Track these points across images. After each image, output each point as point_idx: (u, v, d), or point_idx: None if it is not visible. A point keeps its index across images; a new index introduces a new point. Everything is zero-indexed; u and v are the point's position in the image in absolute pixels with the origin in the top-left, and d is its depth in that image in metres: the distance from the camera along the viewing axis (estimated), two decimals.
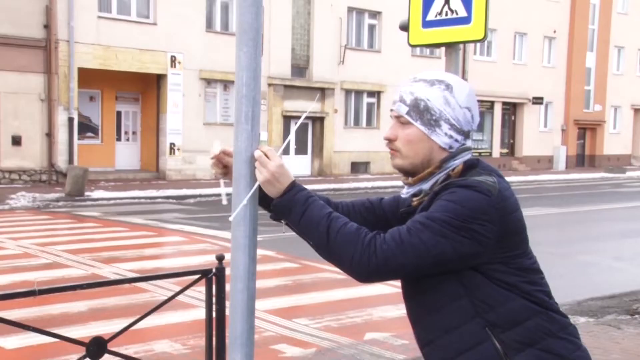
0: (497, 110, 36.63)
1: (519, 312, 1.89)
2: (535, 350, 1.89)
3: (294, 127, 2.12)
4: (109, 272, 8.86)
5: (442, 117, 1.93)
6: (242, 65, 1.96)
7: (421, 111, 1.94)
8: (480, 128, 36.02)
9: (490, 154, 36.51)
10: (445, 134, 1.95)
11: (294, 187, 1.96)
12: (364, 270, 1.84)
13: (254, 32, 1.96)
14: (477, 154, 35.10)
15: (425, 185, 1.99)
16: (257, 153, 1.97)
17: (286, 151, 27.56)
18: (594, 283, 9.11)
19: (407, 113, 1.95)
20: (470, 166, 1.97)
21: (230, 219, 2.01)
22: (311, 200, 1.95)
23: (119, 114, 25.37)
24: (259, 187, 1.99)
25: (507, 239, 1.87)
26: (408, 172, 2.02)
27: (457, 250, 1.82)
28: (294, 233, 2.03)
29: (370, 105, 30.58)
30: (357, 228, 1.88)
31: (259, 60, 1.97)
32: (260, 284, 7.94)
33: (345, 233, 1.87)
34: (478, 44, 33.02)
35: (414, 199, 2.06)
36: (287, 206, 1.95)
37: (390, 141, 2.01)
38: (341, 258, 1.87)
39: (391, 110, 2.02)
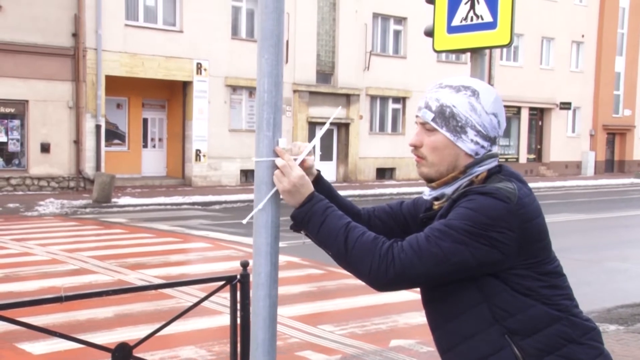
0: (524, 115, 36.34)
1: (539, 319, 1.86)
2: (556, 357, 1.86)
3: (315, 138, 2.12)
4: (135, 278, 8.92)
5: (468, 124, 1.92)
6: (263, 71, 1.96)
7: (447, 118, 1.93)
8: (507, 133, 35.72)
9: (517, 159, 36.21)
10: (472, 140, 1.93)
11: (313, 198, 1.97)
12: (383, 279, 1.84)
13: (276, 39, 1.96)
14: (503, 160, 34.94)
15: (448, 190, 1.98)
16: (281, 162, 1.97)
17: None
18: (624, 290, 8.98)
19: (433, 120, 1.94)
20: (494, 172, 1.96)
21: (244, 221, 2.02)
22: (330, 210, 1.95)
23: (145, 121, 25.59)
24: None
25: (527, 246, 1.85)
26: (433, 180, 2.01)
27: (477, 258, 1.81)
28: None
29: (395, 111, 30.51)
30: (375, 237, 1.88)
31: (280, 67, 1.98)
32: (284, 290, 7.97)
33: (362, 243, 1.87)
34: (504, 49, 32.83)
35: (436, 202, 2.05)
36: (305, 217, 1.95)
37: (415, 148, 2.00)
38: (359, 268, 1.87)
39: (416, 116, 2.01)
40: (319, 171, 2.21)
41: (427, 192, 2.06)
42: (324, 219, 1.93)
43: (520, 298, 1.86)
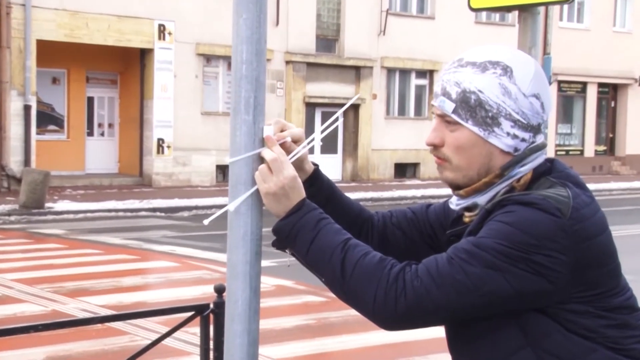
0: (591, 94, 36.30)
1: None
2: None
3: (317, 132, 2.10)
4: (75, 308, 8.93)
5: (501, 113, 1.90)
6: (241, 36, 1.96)
7: (472, 107, 1.91)
8: (569, 118, 35.72)
9: (582, 152, 36.18)
10: (508, 133, 1.91)
11: (303, 206, 1.95)
12: (390, 313, 1.83)
13: None
14: (563, 153, 34.93)
15: (481, 199, 1.97)
16: (270, 155, 1.95)
17: (310, 150, 27.59)
18: None
19: (454, 111, 1.92)
20: (542, 173, 1.94)
21: (206, 222, 2.04)
22: (323, 223, 1.94)
23: (90, 100, 25.58)
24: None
25: (585, 273, 1.83)
26: (461, 187, 2.00)
27: (515, 288, 1.79)
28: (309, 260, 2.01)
29: (419, 88, 30.51)
30: (381, 259, 1.87)
31: (263, 30, 1.97)
32: (273, 323, 7.98)
33: (365, 266, 1.86)
34: (564, 7, 32.80)
35: (467, 214, 2.04)
36: (292, 231, 1.94)
37: (434, 147, 1.99)
38: (360, 299, 1.87)
39: (432, 105, 1.99)
40: (316, 166, 2.20)
41: (454, 201, 2.05)
42: (315, 234, 1.91)
43: (577, 341, 1.84)
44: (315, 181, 2.17)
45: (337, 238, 1.91)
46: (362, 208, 2.28)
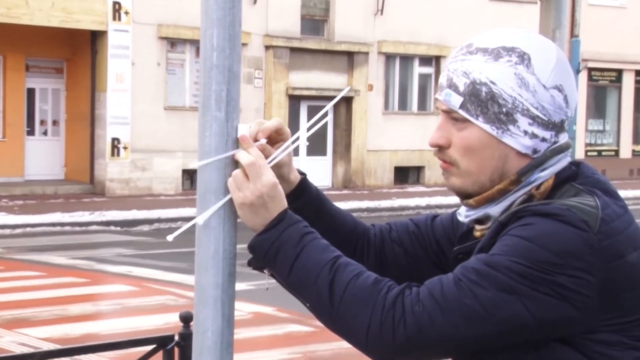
0: (628, 83, 36.35)
1: None
2: None
3: (302, 130, 2.10)
4: (12, 342, 8.92)
5: (517, 108, 1.90)
6: (211, 18, 1.96)
7: (483, 102, 1.91)
8: (601, 113, 35.79)
9: (617, 152, 36.22)
10: (525, 132, 1.91)
11: (284, 219, 1.95)
12: (388, 345, 1.82)
13: None
14: (594, 153, 35.00)
15: (494, 209, 1.97)
16: (246, 158, 1.95)
17: (294, 152, 27.56)
18: None
19: (462, 106, 1.93)
20: (565, 179, 1.94)
21: (170, 238, 2.02)
22: (308, 238, 1.93)
23: (31, 92, 25.49)
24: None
25: (616, 296, 1.83)
26: (471, 196, 2.00)
27: (535, 314, 1.80)
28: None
29: (423, 78, 30.54)
30: (376, 281, 1.87)
31: (237, 10, 1.98)
32: (250, 358, 7.96)
33: (357, 288, 1.85)
34: None
35: (478, 227, 2.04)
36: (271, 247, 1.94)
37: (439, 149, 1.99)
38: (352, 328, 1.86)
39: (436, 99, 2.00)
40: (303, 175, 2.20)
41: (463, 212, 2.05)
42: (299, 251, 1.91)
43: None
44: (302, 194, 2.16)
45: (324, 256, 1.91)
46: (356, 222, 2.28)
